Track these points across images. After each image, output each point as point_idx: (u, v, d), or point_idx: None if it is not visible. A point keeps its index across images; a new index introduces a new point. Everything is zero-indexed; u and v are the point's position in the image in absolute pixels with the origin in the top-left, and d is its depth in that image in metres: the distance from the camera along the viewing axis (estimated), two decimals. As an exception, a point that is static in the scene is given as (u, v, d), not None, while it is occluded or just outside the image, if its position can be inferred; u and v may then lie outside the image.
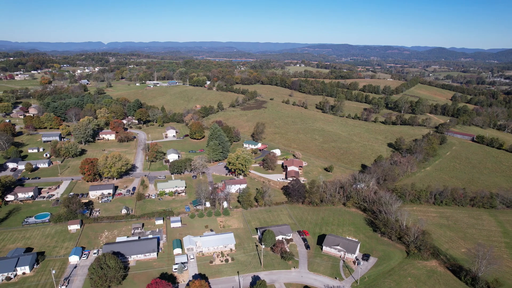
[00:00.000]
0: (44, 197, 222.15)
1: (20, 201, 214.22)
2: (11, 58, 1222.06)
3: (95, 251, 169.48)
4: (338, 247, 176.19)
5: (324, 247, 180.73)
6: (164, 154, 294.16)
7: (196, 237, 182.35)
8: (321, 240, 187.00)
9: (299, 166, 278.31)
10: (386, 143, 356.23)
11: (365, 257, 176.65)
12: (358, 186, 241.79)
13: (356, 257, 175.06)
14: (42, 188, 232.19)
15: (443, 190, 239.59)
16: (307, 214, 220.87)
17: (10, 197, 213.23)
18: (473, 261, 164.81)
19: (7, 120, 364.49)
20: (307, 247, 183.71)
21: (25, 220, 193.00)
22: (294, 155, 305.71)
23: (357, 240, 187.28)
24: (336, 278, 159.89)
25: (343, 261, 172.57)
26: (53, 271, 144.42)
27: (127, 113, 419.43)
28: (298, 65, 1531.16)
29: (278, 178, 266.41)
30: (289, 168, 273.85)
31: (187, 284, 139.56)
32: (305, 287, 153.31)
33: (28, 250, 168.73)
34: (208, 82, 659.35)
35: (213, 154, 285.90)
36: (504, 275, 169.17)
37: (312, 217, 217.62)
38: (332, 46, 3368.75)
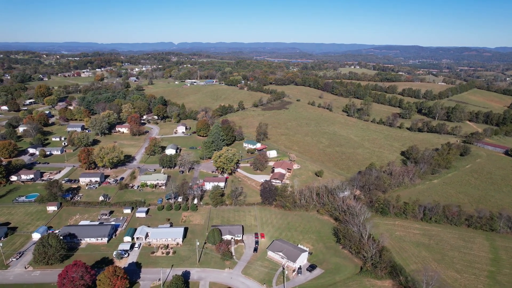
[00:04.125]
0: (44, 180, 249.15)
1: (22, 182, 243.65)
2: (89, 57, 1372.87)
3: (57, 231, 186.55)
4: (281, 254, 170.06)
5: (268, 252, 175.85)
6: (163, 148, 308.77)
7: (148, 228, 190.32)
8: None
9: (287, 169, 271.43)
10: (400, 151, 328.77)
11: (310, 267, 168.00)
12: (341, 194, 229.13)
13: (299, 266, 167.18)
14: (44, 172, 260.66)
15: (434, 206, 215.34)
16: (274, 217, 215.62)
17: (14, 178, 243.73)
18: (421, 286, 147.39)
19: (47, 112, 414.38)
20: (255, 250, 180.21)
21: (16, 198, 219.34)
22: (289, 157, 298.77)
23: (306, 248, 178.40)
24: (264, 284, 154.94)
25: (283, 268, 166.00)
26: (0, 244, 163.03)
27: (152, 109, 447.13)
28: (353, 67, 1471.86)
29: (263, 179, 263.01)
30: (275, 170, 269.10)
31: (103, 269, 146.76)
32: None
33: (5, 224, 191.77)
34: (243, 82, 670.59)
35: (206, 152, 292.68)
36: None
37: (278, 220, 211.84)
38: (400, 47, 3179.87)
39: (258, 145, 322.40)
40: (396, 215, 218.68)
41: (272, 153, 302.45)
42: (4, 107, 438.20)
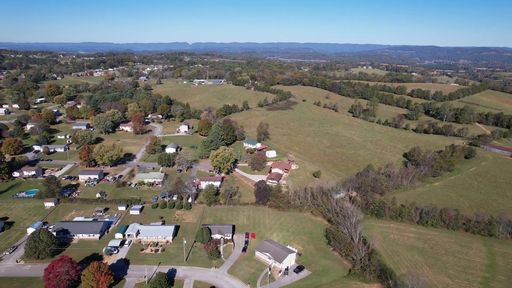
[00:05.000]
0: (45, 176, 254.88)
1: (24, 178, 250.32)
2: (103, 57, 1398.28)
3: (51, 226, 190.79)
4: (268, 254, 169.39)
5: (256, 252, 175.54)
6: (164, 147, 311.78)
7: (140, 225, 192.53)
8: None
9: (285, 169, 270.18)
10: (403, 153, 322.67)
11: (297, 269, 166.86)
12: (337, 195, 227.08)
13: (286, 267, 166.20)
14: (46, 169, 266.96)
15: (431, 209, 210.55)
16: (267, 217, 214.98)
17: (16, 174, 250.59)
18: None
19: (55, 110, 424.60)
20: (244, 250, 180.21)
21: (16, 194, 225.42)
22: (288, 158, 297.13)
23: (295, 249, 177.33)
24: (248, 284, 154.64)
25: (269, 269, 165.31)
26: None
27: (157, 108, 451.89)
28: (365, 67, 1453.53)
29: (260, 179, 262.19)
30: (272, 170, 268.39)
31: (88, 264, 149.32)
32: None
33: (3, 219, 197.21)
34: (250, 82, 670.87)
35: (205, 151, 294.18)
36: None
37: (271, 221, 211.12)
38: (416, 48, 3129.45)
39: (258, 145, 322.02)
40: (391, 218, 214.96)
41: (271, 153, 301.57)
42: (16, 105, 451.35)
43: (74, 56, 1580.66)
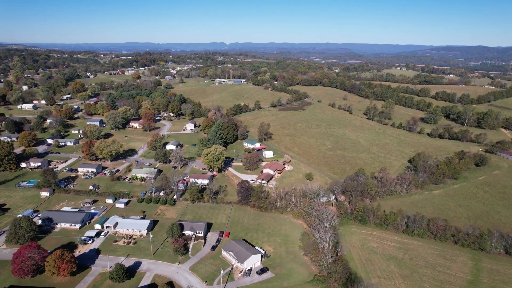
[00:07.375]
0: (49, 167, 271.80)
1: (30, 168, 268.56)
2: (139, 56, 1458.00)
3: (40, 214, 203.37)
4: (232, 254, 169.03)
5: (222, 251, 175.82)
6: (165, 144, 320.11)
7: (119, 218, 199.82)
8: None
9: (276, 170, 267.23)
10: (409, 158, 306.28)
11: (261, 270, 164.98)
12: (323, 199, 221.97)
13: (249, 268, 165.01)
14: (52, 161, 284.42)
15: (418, 218, 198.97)
16: (247, 217, 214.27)
17: (24, 165, 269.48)
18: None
19: (75, 106, 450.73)
20: (213, 248, 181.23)
21: (19, 183, 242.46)
22: (284, 159, 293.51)
23: (262, 251, 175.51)
24: (205, 282, 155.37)
25: (231, 268, 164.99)
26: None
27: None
28: (399, 69, 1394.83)
29: (251, 179, 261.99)
30: (264, 171, 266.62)
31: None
32: (169, 282, 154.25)
33: (1, 205, 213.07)
34: (269, 82, 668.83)
35: (202, 149, 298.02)
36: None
37: (249, 221, 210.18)
38: (462, 48, 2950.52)
39: (257, 145, 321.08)
40: (376, 225, 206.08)
41: (267, 154, 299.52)
42: (43, 101, 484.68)
43: (113, 56, 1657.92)
